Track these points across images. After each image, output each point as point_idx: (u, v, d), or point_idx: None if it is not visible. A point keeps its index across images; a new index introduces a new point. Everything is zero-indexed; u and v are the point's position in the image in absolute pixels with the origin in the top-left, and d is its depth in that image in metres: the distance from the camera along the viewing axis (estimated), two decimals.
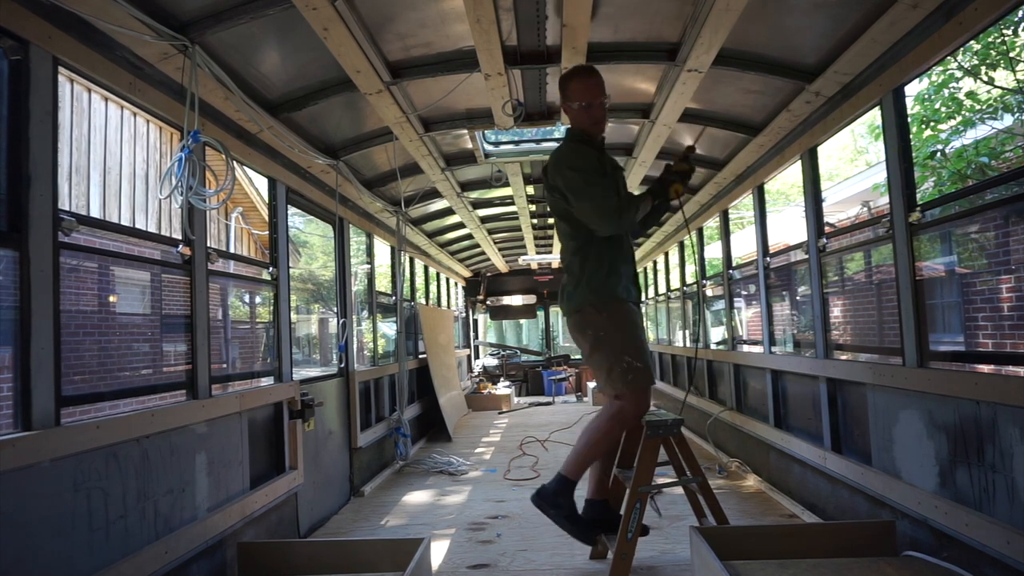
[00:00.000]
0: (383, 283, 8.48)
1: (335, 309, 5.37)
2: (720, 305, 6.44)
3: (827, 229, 3.94)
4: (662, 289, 9.18)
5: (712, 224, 6.52)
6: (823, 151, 3.91)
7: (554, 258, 10.41)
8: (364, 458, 5.35)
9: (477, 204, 6.91)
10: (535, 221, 7.92)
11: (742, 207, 6.76)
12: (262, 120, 3.45)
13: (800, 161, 4.00)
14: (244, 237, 12.22)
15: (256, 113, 3.39)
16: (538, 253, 10.03)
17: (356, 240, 5.87)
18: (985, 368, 3.35)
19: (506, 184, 5.99)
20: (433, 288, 9.60)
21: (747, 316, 6.89)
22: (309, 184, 4.42)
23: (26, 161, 2.08)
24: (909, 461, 2.93)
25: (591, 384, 11.04)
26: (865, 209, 9.90)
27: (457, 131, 4.55)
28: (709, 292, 6.86)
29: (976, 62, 7.30)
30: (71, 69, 2.36)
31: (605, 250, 3.15)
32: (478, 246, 9.49)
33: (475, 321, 13.39)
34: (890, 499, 3.01)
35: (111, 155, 8.06)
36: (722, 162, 5.02)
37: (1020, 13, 6.61)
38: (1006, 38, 7.03)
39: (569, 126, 3.31)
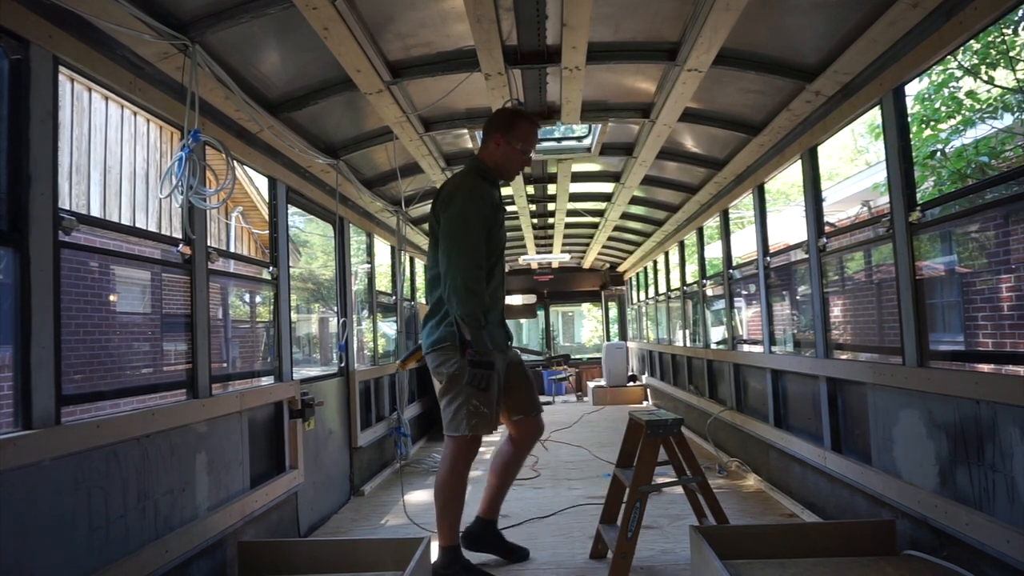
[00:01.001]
0: (383, 282, 8.48)
1: (335, 309, 5.37)
2: (720, 305, 6.44)
3: (827, 229, 3.94)
4: (662, 289, 9.18)
5: (712, 224, 6.53)
6: (823, 151, 3.91)
7: (554, 258, 10.42)
8: (364, 458, 5.35)
9: None
10: (535, 221, 7.92)
11: (742, 207, 6.76)
12: (262, 119, 3.45)
13: (800, 161, 4.00)
14: (244, 236, 12.21)
15: (256, 112, 3.39)
16: (538, 253, 10.03)
17: (356, 239, 5.87)
18: (985, 367, 3.35)
19: (506, 184, 5.98)
20: None
21: (747, 316, 6.89)
22: (309, 183, 4.42)
23: (26, 160, 2.08)
24: (909, 460, 2.93)
25: (591, 384, 11.06)
26: (865, 209, 9.90)
27: (457, 131, 4.56)
28: (709, 292, 6.86)
29: (976, 61, 7.30)
30: (71, 68, 2.35)
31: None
32: None
33: None
34: (890, 498, 3.02)
35: (111, 154, 8.06)
36: (722, 162, 5.02)
37: (1020, 12, 6.61)
38: (1006, 37, 7.03)
39: (476, 159, 3.26)
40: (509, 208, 7.12)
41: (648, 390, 10.35)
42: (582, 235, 9.15)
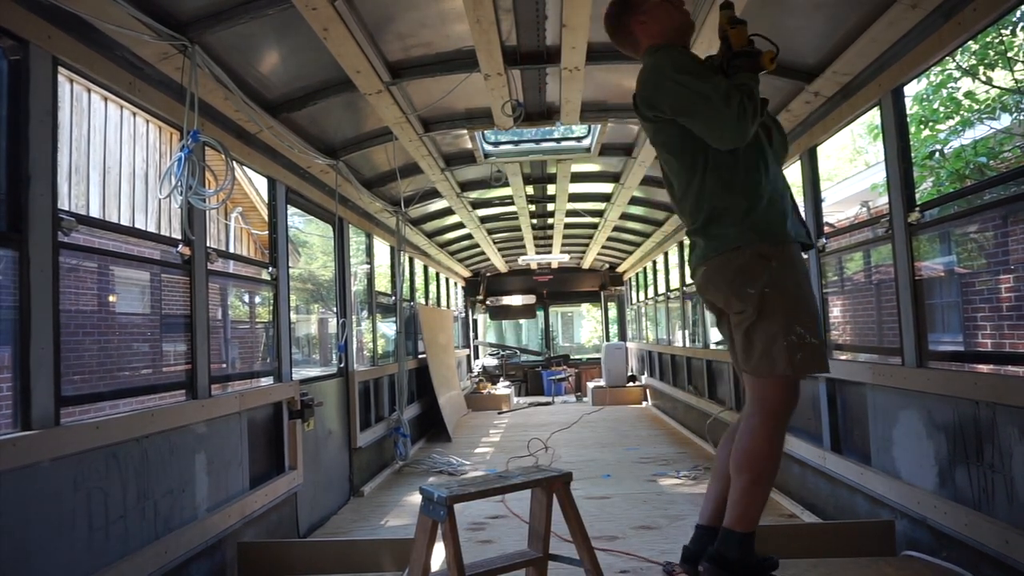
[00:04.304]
0: (383, 283, 8.48)
1: (335, 309, 5.37)
2: None
3: (826, 229, 3.95)
4: (662, 289, 9.18)
5: None
6: (822, 151, 3.92)
7: (554, 258, 10.41)
8: (364, 458, 5.35)
9: (477, 204, 6.91)
10: (535, 221, 7.93)
11: None
12: (262, 120, 3.45)
13: (800, 161, 4.00)
14: (244, 237, 12.21)
15: (256, 113, 3.39)
16: (538, 253, 10.03)
17: (356, 240, 5.87)
18: (984, 368, 3.36)
19: (506, 184, 5.99)
20: (433, 288, 9.60)
21: None
22: (309, 184, 4.42)
23: (26, 161, 2.08)
24: (908, 461, 2.93)
25: (591, 384, 11.04)
26: (864, 209, 9.90)
27: (457, 131, 4.55)
28: None
29: (974, 62, 7.30)
30: (71, 69, 2.36)
31: (752, 169, 2.29)
32: (478, 246, 9.49)
33: (475, 321, 13.39)
34: (889, 499, 3.02)
35: (111, 155, 8.05)
36: None
37: (1018, 13, 6.61)
38: (1004, 38, 7.03)
39: (649, 49, 2.38)
40: (507, 208, 7.13)
41: (647, 390, 10.35)
42: (582, 235, 9.15)
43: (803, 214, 2.69)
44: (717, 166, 2.29)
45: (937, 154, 7.36)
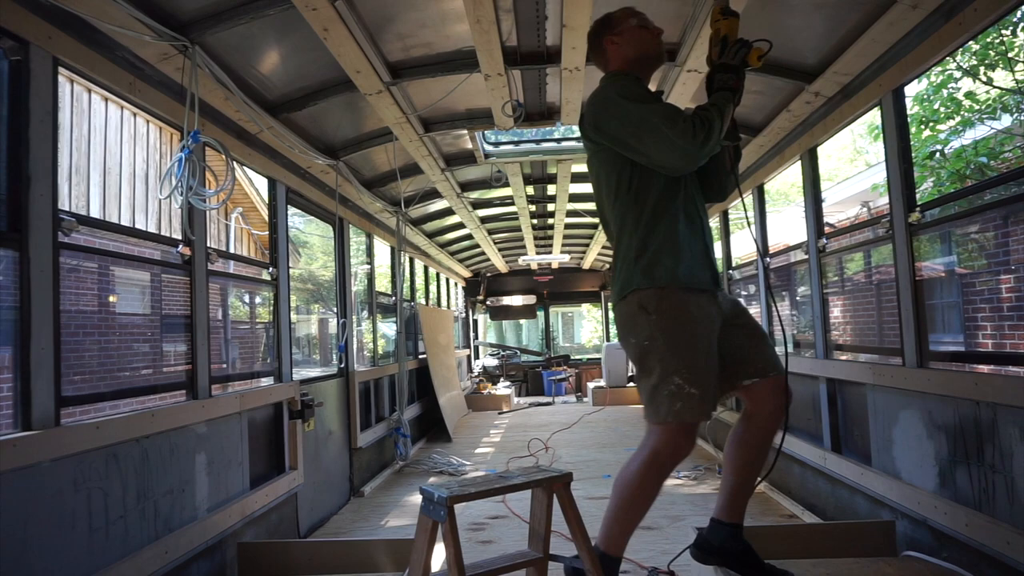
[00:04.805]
0: (383, 283, 8.48)
1: (335, 309, 5.37)
2: None
3: (827, 229, 3.95)
4: None
5: (712, 224, 6.52)
6: (823, 151, 3.92)
7: (554, 258, 10.41)
8: (364, 458, 5.35)
9: (477, 204, 6.91)
10: (535, 221, 7.92)
11: (742, 207, 6.75)
12: (262, 120, 3.45)
13: (800, 161, 4.00)
14: (244, 237, 12.21)
15: (256, 113, 3.39)
16: (538, 253, 10.03)
17: (356, 240, 5.87)
18: (985, 368, 3.36)
19: (506, 184, 5.99)
20: (433, 288, 9.60)
21: None
22: (309, 184, 4.42)
23: (26, 161, 2.09)
24: (909, 461, 2.93)
25: (591, 384, 11.04)
26: (865, 209, 9.91)
27: (457, 131, 4.55)
28: None
29: (975, 62, 7.30)
30: (71, 69, 2.36)
31: (663, 213, 2.29)
32: (478, 246, 9.49)
33: (475, 321, 13.39)
34: (890, 499, 3.02)
35: (111, 155, 8.06)
36: None
37: (1019, 14, 6.61)
38: (1005, 39, 7.03)
39: (608, 76, 2.43)
40: (508, 209, 7.13)
41: None
42: (582, 236, 9.15)
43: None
44: (631, 203, 2.31)
45: (938, 154, 7.36)
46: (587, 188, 6.58)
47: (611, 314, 13.35)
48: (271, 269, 3.92)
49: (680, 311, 2.24)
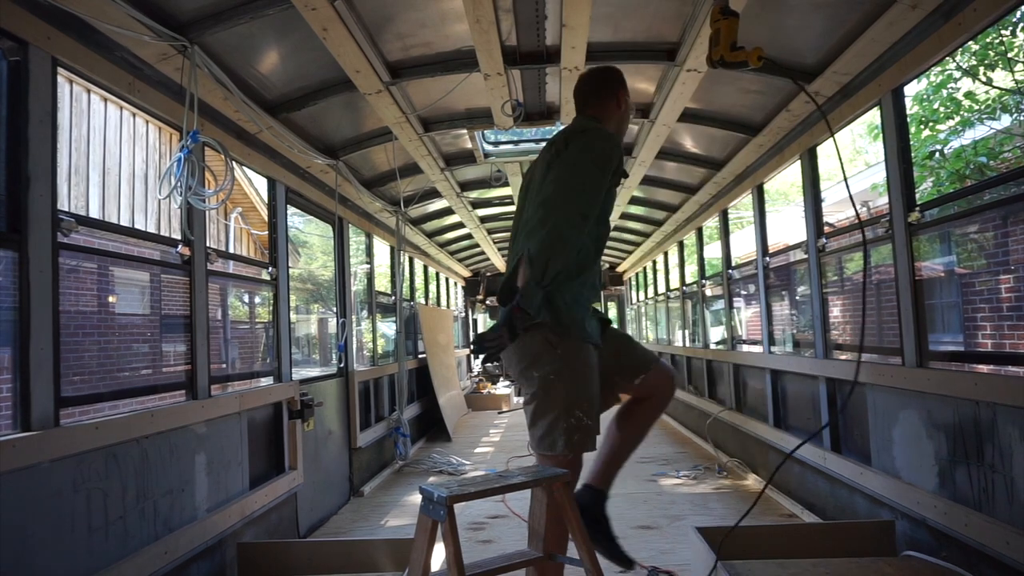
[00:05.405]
0: (382, 283, 8.48)
1: (335, 309, 5.37)
2: (719, 305, 6.44)
3: (826, 229, 3.95)
4: (661, 289, 9.18)
5: (712, 224, 6.53)
6: (822, 151, 3.92)
7: None
8: (364, 458, 5.35)
9: (476, 204, 6.91)
10: None
11: (741, 207, 6.76)
12: (261, 120, 3.45)
13: (800, 161, 4.00)
14: (243, 237, 12.20)
15: (255, 113, 3.39)
16: None
17: (356, 240, 5.87)
18: (984, 368, 3.36)
19: (506, 184, 5.99)
20: (432, 288, 9.60)
21: (746, 316, 6.89)
22: (308, 184, 4.42)
23: (25, 162, 2.08)
24: (908, 461, 2.93)
25: None
26: (864, 209, 9.91)
27: (457, 131, 4.55)
28: (708, 292, 6.86)
29: (974, 62, 7.30)
30: (70, 70, 2.36)
31: (594, 260, 2.47)
32: (477, 246, 9.49)
33: (475, 321, 13.39)
34: (889, 499, 3.02)
35: (110, 155, 8.05)
36: (721, 162, 5.02)
37: (1018, 14, 6.61)
38: (1004, 39, 7.03)
39: (596, 124, 2.53)
40: (507, 208, 7.13)
41: None
42: None
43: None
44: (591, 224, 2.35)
45: (937, 154, 7.36)
46: None
47: (608, 311, 13.35)
48: (270, 269, 3.92)
49: (580, 349, 2.38)
